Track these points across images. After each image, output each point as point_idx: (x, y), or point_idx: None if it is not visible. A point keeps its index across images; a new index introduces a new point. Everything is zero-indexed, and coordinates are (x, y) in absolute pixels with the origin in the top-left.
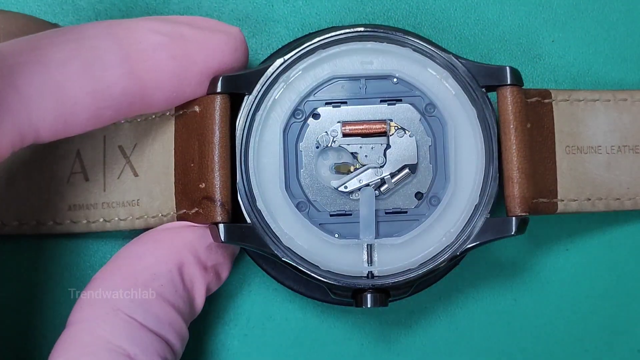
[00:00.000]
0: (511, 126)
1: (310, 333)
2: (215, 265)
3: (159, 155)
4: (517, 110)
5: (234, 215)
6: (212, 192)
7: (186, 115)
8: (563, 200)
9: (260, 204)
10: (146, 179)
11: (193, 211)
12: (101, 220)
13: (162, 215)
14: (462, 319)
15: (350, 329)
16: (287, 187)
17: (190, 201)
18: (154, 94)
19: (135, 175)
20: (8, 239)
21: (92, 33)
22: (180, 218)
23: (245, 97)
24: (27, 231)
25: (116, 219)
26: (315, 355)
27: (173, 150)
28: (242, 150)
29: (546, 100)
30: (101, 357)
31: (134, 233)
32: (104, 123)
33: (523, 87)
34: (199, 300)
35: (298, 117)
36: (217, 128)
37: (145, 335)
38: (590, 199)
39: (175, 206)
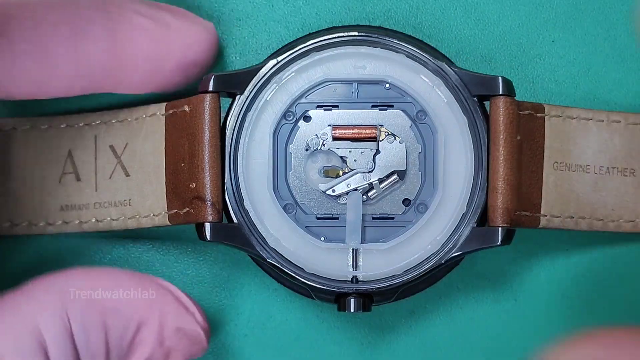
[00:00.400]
0: (501, 137)
1: (310, 333)
2: (170, 348)
3: (150, 155)
4: (508, 121)
5: (226, 215)
6: (203, 191)
7: (176, 115)
8: (546, 216)
9: (247, 204)
10: (137, 179)
11: (184, 211)
12: (93, 220)
13: (153, 215)
14: (462, 319)
15: (351, 329)
16: (275, 188)
17: (181, 201)
18: (130, 73)
19: (127, 175)
20: (1, 240)
21: (84, 2)
22: (171, 217)
23: (237, 97)
24: (19, 232)
25: (108, 219)
26: (315, 355)
27: (164, 150)
28: (232, 150)
29: (539, 115)
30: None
31: (129, 232)
32: (76, 92)
33: (517, 99)
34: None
35: (289, 118)
36: (207, 128)
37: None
38: (573, 217)
39: (166, 206)
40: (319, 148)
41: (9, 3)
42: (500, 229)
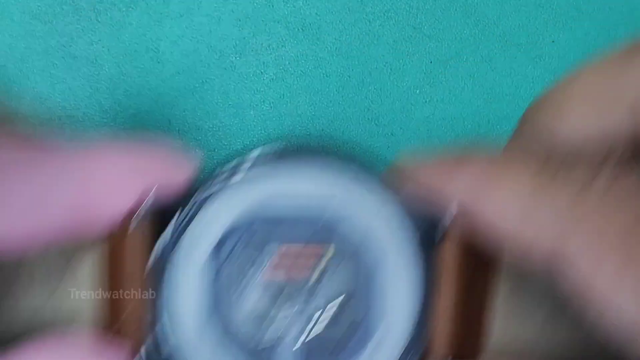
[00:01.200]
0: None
1: None
2: None
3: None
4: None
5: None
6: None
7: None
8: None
9: (174, 339)
10: None
11: None
12: None
13: None
14: None
15: None
16: (208, 320)
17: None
18: (91, 229)
19: None
20: None
21: (53, 165)
22: None
23: (177, 213)
24: None
25: None
26: None
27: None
28: (161, 276)
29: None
30: None
31: None
32: (28, 250)
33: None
34: None
35: (224, 243)
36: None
37: None
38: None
39: None
40: (256, 276)
41: None
42: None
